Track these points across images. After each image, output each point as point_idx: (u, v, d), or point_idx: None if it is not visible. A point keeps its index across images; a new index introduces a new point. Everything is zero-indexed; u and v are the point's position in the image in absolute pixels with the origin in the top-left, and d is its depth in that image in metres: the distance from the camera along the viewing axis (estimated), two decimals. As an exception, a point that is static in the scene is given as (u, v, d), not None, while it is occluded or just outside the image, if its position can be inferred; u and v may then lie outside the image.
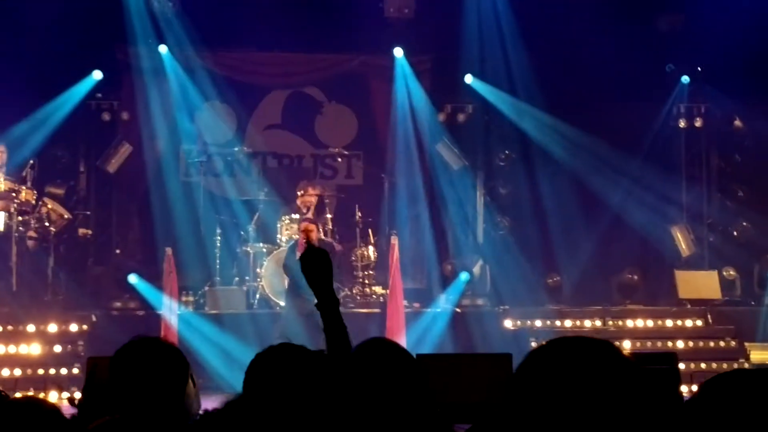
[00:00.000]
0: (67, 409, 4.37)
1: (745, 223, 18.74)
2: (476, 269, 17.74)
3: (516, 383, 2.60)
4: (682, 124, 18.86)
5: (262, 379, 3.71)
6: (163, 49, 18.34)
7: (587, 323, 16.52)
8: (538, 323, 16.38)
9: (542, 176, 18.36)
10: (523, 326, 16.30)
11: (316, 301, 4.51)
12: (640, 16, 18.66)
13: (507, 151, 18.94)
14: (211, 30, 17.90)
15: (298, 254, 15.69)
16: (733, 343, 16.22)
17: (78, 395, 4.75)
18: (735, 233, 18.81)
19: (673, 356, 9.52)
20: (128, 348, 4.33)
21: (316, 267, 4.51)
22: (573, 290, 17.83)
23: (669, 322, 16.62)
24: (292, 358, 3.75)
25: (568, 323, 16.49)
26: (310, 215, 16.69)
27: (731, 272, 17.81)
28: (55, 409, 4.03)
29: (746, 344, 16.06)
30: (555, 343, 2.66)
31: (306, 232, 15.48)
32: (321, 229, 16.25)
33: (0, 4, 17.34)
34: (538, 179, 18.39)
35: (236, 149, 18.65)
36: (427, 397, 3.97)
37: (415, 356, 8.02)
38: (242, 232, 17.46)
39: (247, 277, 17.00)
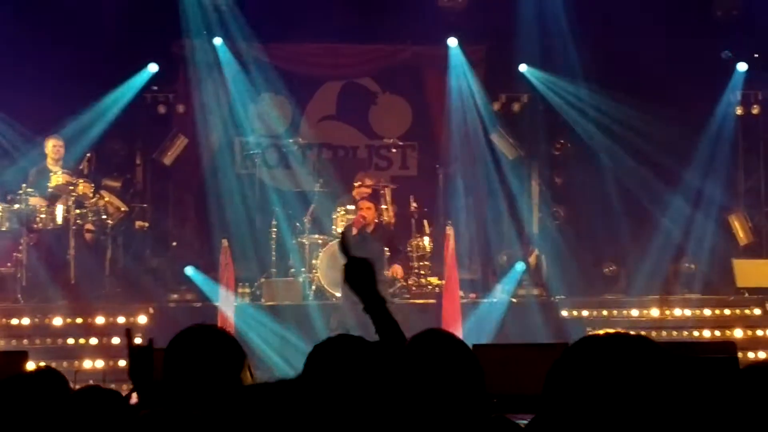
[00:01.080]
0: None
1: (803, 210, 18.58)
2: (532, 259, 17.71)
3: (553, 380, 2.62)
4: (738, 111, 18.68)
5: (321, 369, 3.72)
6: (217, 41, 18.43)
7: (645, 313, 16.43)
8: (595, 313, 16.31)
9: (597, 165, 18.24)
10: (580, 316, 16.24)
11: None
12: (696, 2, 18.52)
13: (562, 141, 18.85)
14: (264, 22, 17.92)
15: (354, 230, 15.76)
16: (792, 332, 16.08)
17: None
18: (793, 221, 18.65)
19: (732, 345, 9.45)
20: (184, 335, 4.34)
21: (359, 275, 4.51)
22: (630, 280, 17.71)
23: (727, 311, 16.49)
24: (351, 349, 3.76)
25: (625, 313, 16.39)
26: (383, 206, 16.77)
27: (790, 261, 17.66)
28: (118, 396, 4.08)
29: (806, 333, 15.92)
30: (589, 340, 2.66)
31: (364, 211, 15.55)
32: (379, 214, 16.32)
33: (56, -1, 17.48)
34: (593, 168, 18.26)
35: (291, 141, 18.71)
36: (482, 387, 3.95)
37: (471, 347, 8.00)
38: (297, 224, 17.47)
39: (303, 269, 17.01)
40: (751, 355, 14.93)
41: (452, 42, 18.74)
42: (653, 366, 2.57)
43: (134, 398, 4.58)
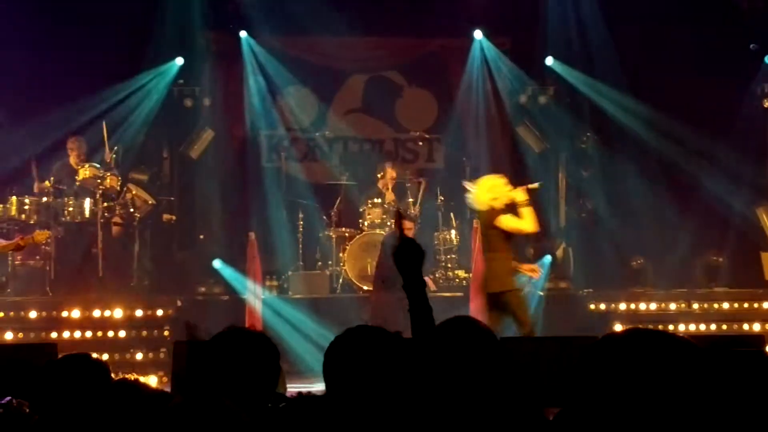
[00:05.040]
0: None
1: (831, 203, 18.45)
2: (559, 252, 17.66)
3: (579, 376, 2.67)
4: (766, 104, 18.58)
5: (340, 361, 3.72)
6: (243, 34, 18.45)
7: (672, 306, 16.36)
8: (623, 306, 16.24)
9: (624, 158, 18.18)
10: (608, 309, 16.18)
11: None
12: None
13: (588, 134, 18.78)
14: (291, 15, 17.92)
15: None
16: (821, 325, 15.99)
17: (164, 379, 4.81)
18: (821, 213, 18.52)
19: (761, 339, 9.41)
20: (221, 338, 4.31)
21: (408, 256, 4.59)
22: (657, 273, 17.64)
23: (755, 305, 16.42)
24: (369, 340, 3.75)
25: (653, 306, 16.33)
26: (390, 196, 16.69)
27: (818, 253, 17.56)
28: (145, 388, 4.10)
29: (835, 326, 15.83)
30: (610, 338, 2.72)
31: (405, 231, 15.41)
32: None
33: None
34: (620, 161, 18.22)
35: (318, 134, 18.74)
36: (511, 377, 3.94)
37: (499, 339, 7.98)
38: (324, 217, 17.49)
39: (330, 262, 17.03)
40: (779, 348, 14.85)
41: (478, 34, 18.72)
42: (674, 360, 2.58)
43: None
